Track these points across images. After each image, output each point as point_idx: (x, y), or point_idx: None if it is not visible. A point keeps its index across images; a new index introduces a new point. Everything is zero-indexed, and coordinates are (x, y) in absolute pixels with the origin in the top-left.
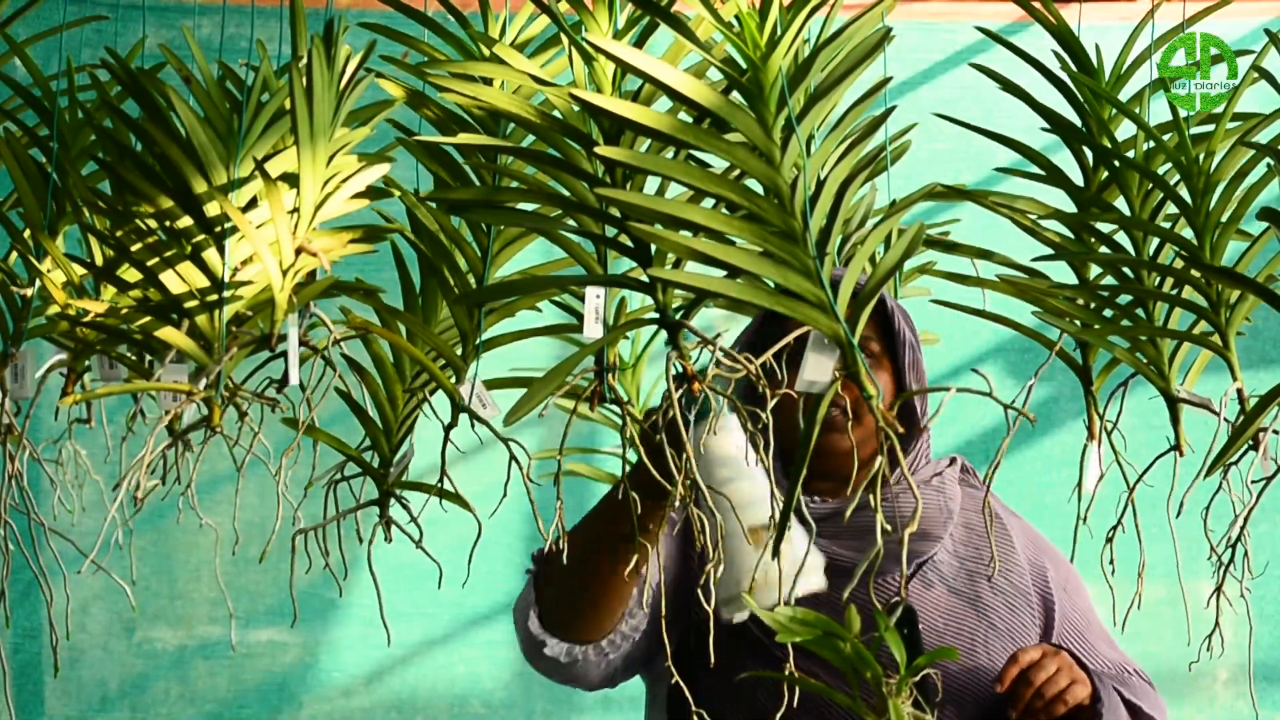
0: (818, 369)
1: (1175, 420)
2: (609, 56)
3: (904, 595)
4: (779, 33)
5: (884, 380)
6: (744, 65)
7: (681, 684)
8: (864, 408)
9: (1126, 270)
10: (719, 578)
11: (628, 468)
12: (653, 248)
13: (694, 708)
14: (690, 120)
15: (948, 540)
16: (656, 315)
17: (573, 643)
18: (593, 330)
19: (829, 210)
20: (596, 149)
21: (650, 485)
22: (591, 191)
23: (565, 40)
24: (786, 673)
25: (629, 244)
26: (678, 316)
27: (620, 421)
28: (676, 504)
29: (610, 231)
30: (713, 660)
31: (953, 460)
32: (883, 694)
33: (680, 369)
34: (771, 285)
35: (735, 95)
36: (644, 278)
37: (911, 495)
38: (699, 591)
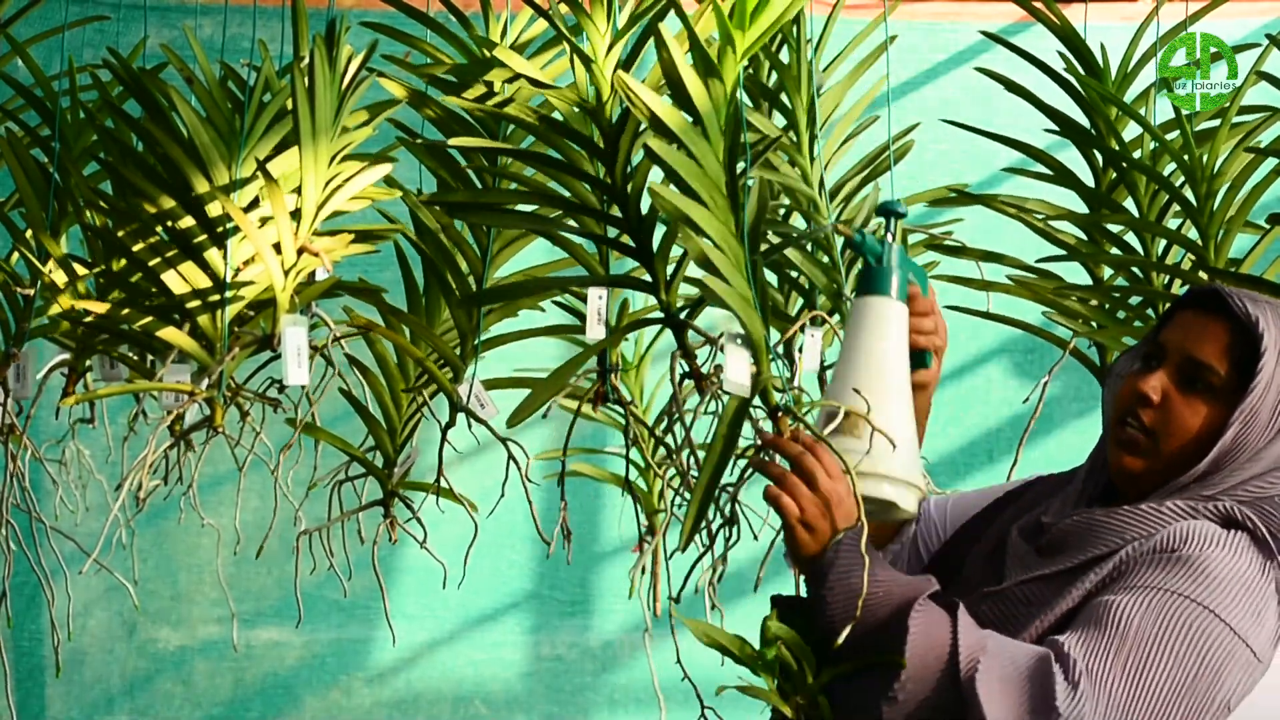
0: (737, 368)
1: None
2: (619, 85)
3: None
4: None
5: (1200, 409)
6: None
7: None
8: (1167, 418)
9: (1136, 270)
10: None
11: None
12: (655, 248)
13: None
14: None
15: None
16: (660, 315)
17: None
18: (595, 331)
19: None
20: (645, 140)
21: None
22: (598, 183)
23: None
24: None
25: (631, 244)
26: (682, 316)
27: (623, 421)
28: None
29: (612, 232)
30: None
31: (1226, 509)
32: None
33: (686, 368)
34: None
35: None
36: (646, 278)
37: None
38: None
